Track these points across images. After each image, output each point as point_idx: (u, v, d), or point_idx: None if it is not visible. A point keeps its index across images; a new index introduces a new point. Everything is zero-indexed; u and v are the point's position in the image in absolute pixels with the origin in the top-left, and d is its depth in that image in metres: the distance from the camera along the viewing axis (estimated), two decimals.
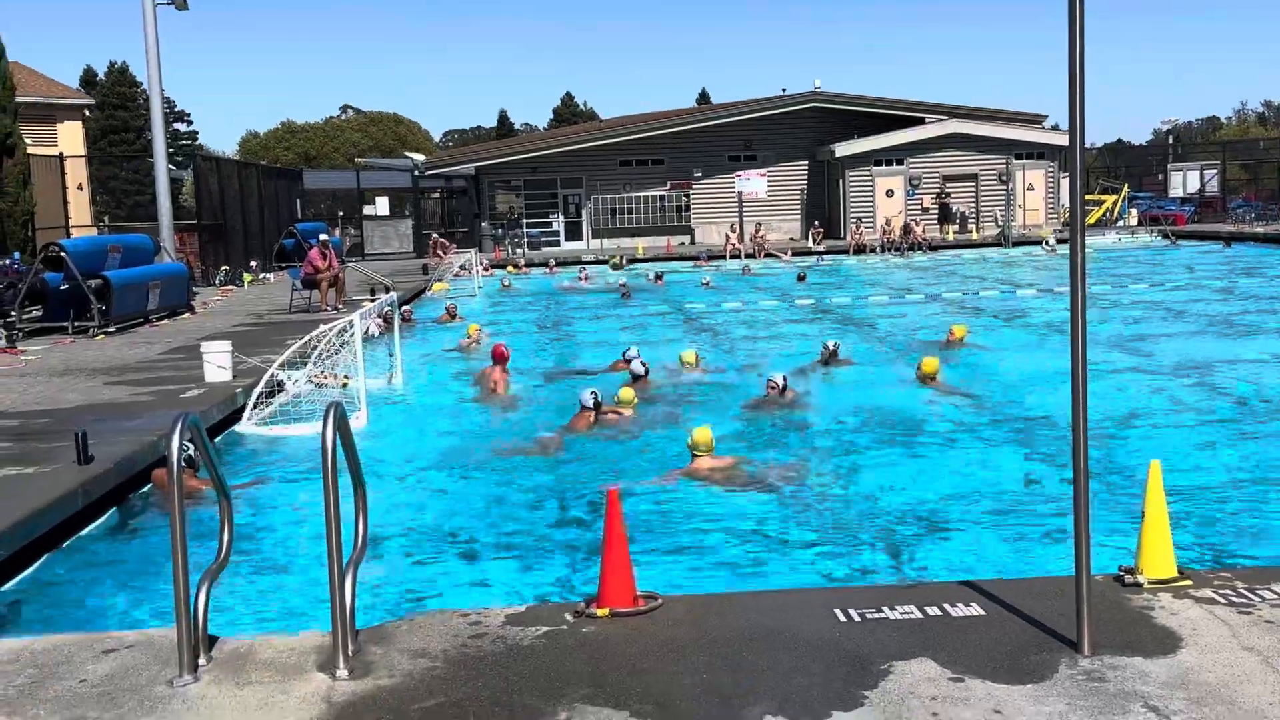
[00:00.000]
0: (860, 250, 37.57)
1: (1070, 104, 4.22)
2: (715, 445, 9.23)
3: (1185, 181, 48.34)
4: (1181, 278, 25.99)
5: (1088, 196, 45.73)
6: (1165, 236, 38.50)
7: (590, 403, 11.17)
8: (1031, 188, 42.36)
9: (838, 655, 4.50)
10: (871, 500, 8.52)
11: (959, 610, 4.90)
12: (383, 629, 5.02)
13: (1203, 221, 42.42)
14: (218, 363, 12.67)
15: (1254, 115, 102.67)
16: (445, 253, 37.59)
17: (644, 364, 13.20)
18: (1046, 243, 36.25)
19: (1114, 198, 46.09)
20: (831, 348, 14.55)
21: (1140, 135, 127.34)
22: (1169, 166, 50.49)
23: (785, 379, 12.17)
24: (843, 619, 4.87)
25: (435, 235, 41.46)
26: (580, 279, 30.98)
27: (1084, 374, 4.33)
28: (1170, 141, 58.66)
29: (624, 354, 14.21)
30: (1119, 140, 74.80)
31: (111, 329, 18.69)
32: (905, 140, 41.89)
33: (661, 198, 43.76)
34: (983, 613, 4.87)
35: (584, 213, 43.78)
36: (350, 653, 4.60)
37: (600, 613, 5.02)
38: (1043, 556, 6.86)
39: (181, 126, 79.07)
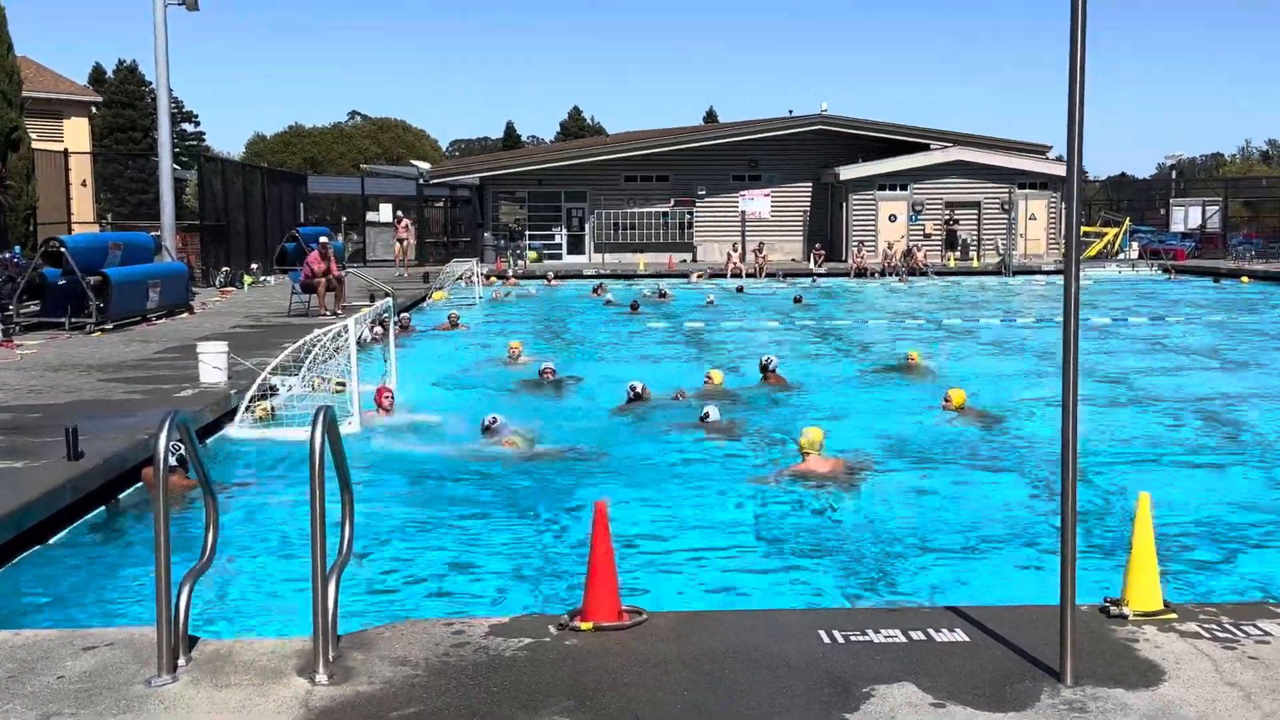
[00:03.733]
0: (861, 274, 37.61)
1: (1069, 135, 4.23)
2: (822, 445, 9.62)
3: (1187, 217, 48.40)
4: (1177, 311, 26.02)
5: (1089, 229, 45.87)
6: (1165, 271, 38.55)
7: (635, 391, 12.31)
8: (1034, 217, 42.43)
9: (820, 677, 4.48)
10: (862, 523, 8.51)
11: (943, 635, 4.89)
12: (365, 635, 5.00)
13: (1203, 257, 42.49)
14: (213, 363, 12.66)
15: (1258, 153, 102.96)
16: (406, 233, 37.84)
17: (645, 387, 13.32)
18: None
19: (1115, 231, 46.17)
20: (769, 362, 14.69)
21: (1144, 169, 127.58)
22: (1171, 201, 50.56)
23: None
24: (827, 641, 4.85)
25: (398, 215, 41.25)
26: (655, 295, 30.38)
27: (1075, 404, 4.32)
28: (1173, 176, 58.77)
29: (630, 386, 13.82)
30: (1122, 174, 75.10)
31: (109, 326, 18.68)
32: (910, 166, 41.96)
33: (665, 214, 43.81)
34: (967, 639, 4.86)
35: (587, 227, 43.81)
36: (331, 658, 4.59)
37: (584, 626, 5.01)
38: (1029, 584, 6.84)
39: (189, 127, 79.18)
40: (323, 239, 23.14)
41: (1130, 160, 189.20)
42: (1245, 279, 34.16)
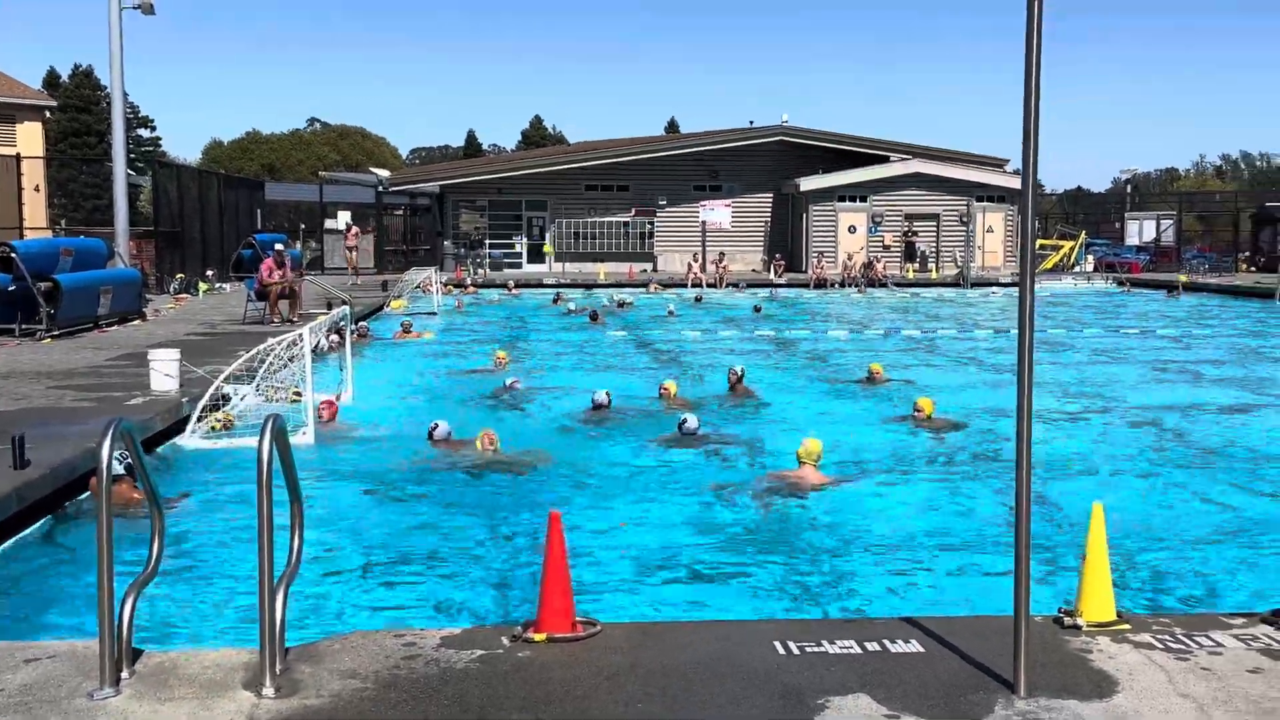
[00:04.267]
0: (821, 284, 37.77)
1: (1024, 149, 4.23)
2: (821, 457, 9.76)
3: (1141, 230, 49.05)
4: (1131, 324, 26.30)
5: (1045, 242, 46.33)
6: (1119, 284, 38.99)
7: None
8: (991, 230, 42.80)
9: (775, 689, 4.45)
10: (823, 533, 8.49)
11: (899, 647, 4.87)
12: (314, 648, 4.91)
13: (1157, 270, 43.03)
14: (165, 371, 12.48)
15: (1211, 168, 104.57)
16: (355, 240, 37.66)
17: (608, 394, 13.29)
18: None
19: (1071, 244, 46.66)
20: (738, 373, 14.75)
21: (1099, 184, 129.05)
22: (1126, 215, 51.23)
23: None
24: (782, 652, 4.82)
25: (349, 223, 40.92)
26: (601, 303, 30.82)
27: (1029, 415, 4.32)
28: (1128, 191, 59.53)
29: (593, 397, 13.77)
30: (1078, 188, 75.96)
31: (58, 333, 18.41)
32: (869, 177, 42.23)
33: (626, 224, 43.84)
34: (922, 650, 4.84)
35: (547, 236, 43.74)
36: (278, 671, 4.50)
37: (537, 638, 4.95)
38: (985, 594, 6.85)
39: (145, 132, 78.33)
40: (278, 246, 22.93)
41: (1086, 174, 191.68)
42: (1178, 292, 34.60)
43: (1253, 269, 43.31)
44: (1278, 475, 10.45)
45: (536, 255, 43.76)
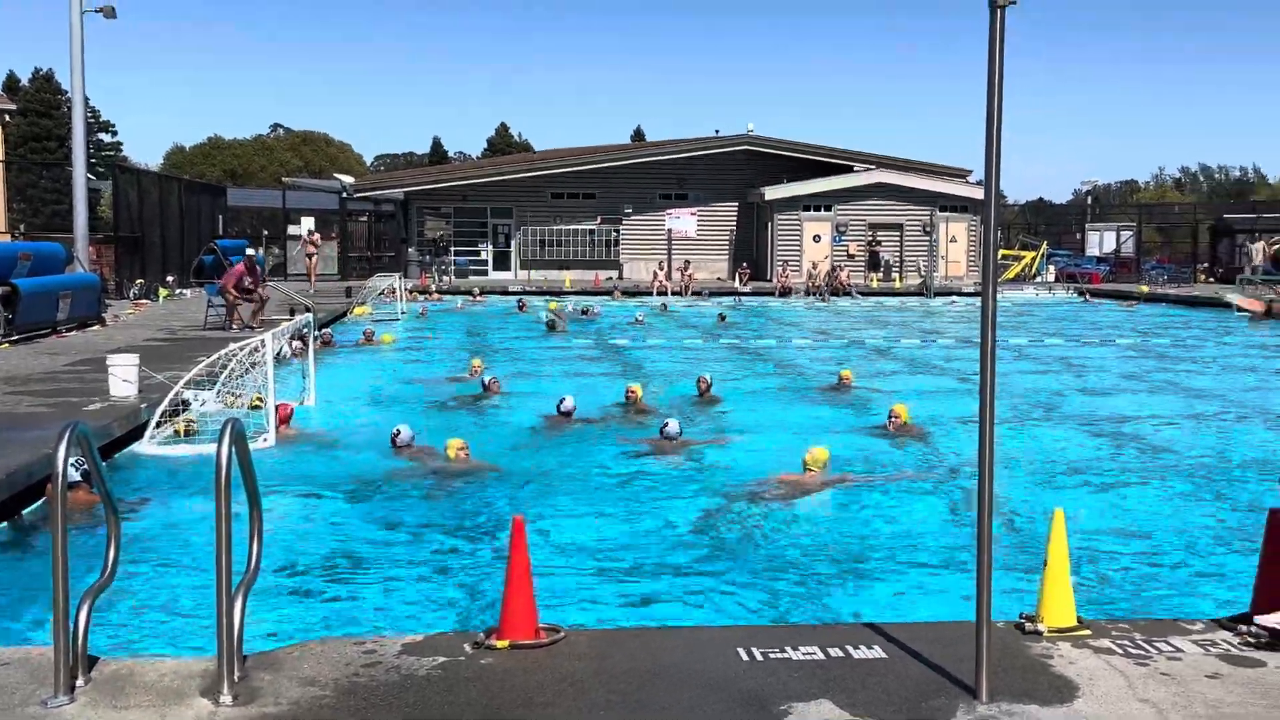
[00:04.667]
0: (785, 293, 37.90)
1: (987, 158, 4.26)
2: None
3: (1102, 241, 49.56)
4: (1091, 333, 26.55)
5: (1007, 252, 46.73)
6: (1080, 294, 39.37)
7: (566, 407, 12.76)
8: (954, 240, 43.11)
9: (738, 695, 4.44)
10: (789, 539, 8.50)
11: (861, 652, 4.88)
12: (273, 655, 4.86)
13: (1118, 281, 43.47)
14: (123, 377, 12.34)
15: (1170, 181, 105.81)
16: (316, 246, 37.43)
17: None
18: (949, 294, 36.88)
19: (1033, 254, 47.08)
20: (706, 381, 14.80)
21: (1061, 195, 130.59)
22: (1087, 226, 51.72)
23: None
24: (746, 658, 4.81)
25: (309, 230, 40.46)
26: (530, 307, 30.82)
27: (991, 423, 4.34)
28: (1089, 202, 60.15)
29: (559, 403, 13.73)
30: (1040, 199, 76.63)
31: (16, 338, 18.17)
32: (834, 187, 42.43)
33: (591, 232, 43.82)
34: (884, 656, 4.85)
35: (513, 243, 43.66)
36: (236, 679, 4.44)
37: (500, 644, 4.91)
38: (947, 600, 6.88)
39: (106, 137, 77.66)
40: (249, 252, 22.67)
41: (1048, 185, 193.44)
42: (1135, 303, 35.06)
43: (1211, 280, 43.88)
44: (1236, 482, 10.56)
45: (502, 262, 43.67)
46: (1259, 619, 5.08)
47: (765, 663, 4.77)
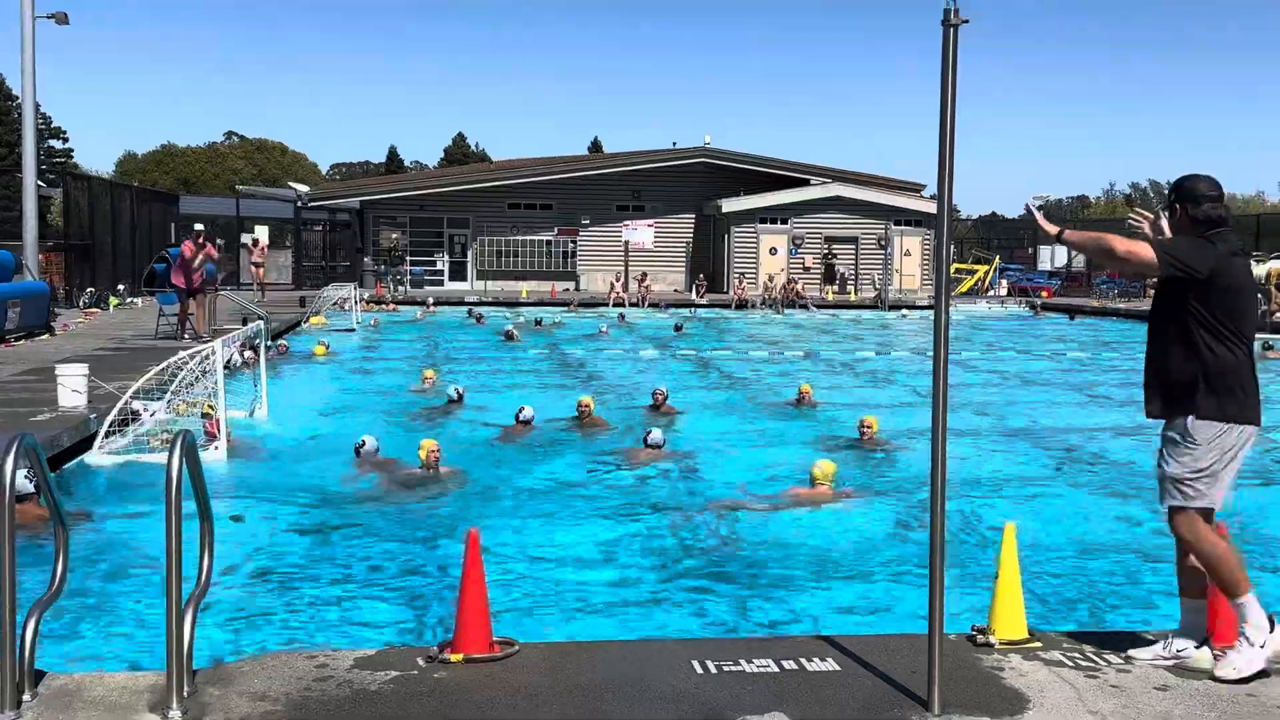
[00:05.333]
0: (742, 305, 38.05)
1: (939, 173, 4.30)
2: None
3: (1054, 256, 50.16)
4: (1043, 347, 26.84)
5: (960, 266, 47.19)
6: (1031, 308, 39.82)
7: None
8: (909, 253, 43.47)
9: (692, 708, 4.44)
10: (744, 552, 8.51)
11: (815, 665, 4.90)
12: (223, 669, 4.80)
13: (1069, 295, 43.99)
14: (73, 386, 12.17)
15: (1121, 196, 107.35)
16: (263, 255, 37.07)
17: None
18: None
19: (986, 268, 47.57)
20: (661, 394, 14.88)
21: (1013, 209, 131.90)
22: (1039, 241, 52.33)
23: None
24: (700, 671, 4.82)
25: (254, 238, 39.40)
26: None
27: (944, 435, 4.38)
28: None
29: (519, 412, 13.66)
30: (993, 213, 77.54)
31: None
32: (790, 200, 42.67)
33: (548, 243, 43.80)
34: (838, 668, 4.87)
35: (469, 253, 43.54)
36: (186, 693, 4.39)
37: (454, 658, 4.89)
38: (900, 613, 6.92)
39: (57, 144, 76.66)
40: (198, 226, 22.21)
41: (1001, 200, 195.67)
42: (1078, 316, 35.70)
43: None
44: None
45: (458, 272, 43.53)
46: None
47: (719, 675, 4.77)
